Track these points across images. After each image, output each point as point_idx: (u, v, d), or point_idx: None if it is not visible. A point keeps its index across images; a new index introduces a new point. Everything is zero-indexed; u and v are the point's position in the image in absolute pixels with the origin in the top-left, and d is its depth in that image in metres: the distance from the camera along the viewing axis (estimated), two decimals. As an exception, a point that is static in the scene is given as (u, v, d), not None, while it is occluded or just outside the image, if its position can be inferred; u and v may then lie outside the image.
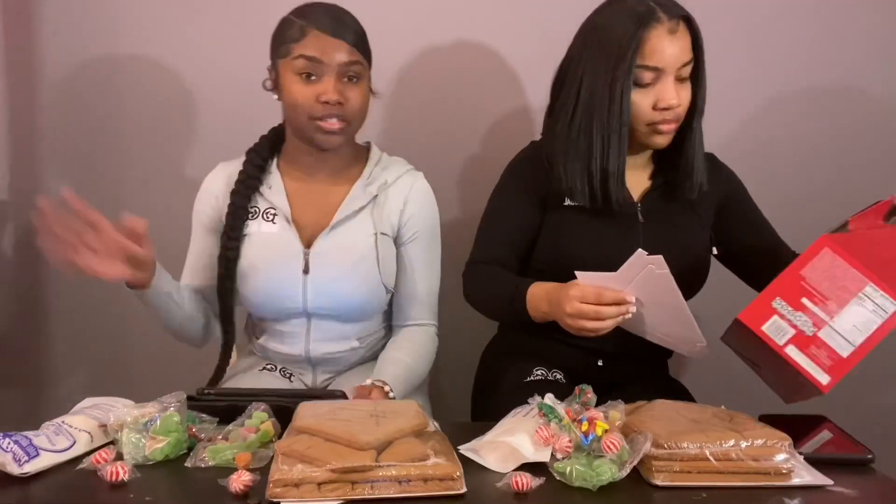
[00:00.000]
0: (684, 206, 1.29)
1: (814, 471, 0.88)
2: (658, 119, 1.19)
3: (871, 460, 0.90)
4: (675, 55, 1.16)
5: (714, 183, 1.31)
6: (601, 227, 1.26)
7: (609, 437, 0.86)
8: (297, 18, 1.22)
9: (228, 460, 0.88)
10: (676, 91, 1.18)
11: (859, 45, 1.69)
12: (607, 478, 0.83)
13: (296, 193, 1.31)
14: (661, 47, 1.16)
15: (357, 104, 1.23)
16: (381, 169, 1.33)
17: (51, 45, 1.77)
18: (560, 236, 1.28)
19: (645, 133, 1.22)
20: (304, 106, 1.21)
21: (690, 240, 1.29)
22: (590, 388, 1.01)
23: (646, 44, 1.16)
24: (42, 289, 1.86)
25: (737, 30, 1.68)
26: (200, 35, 1.74)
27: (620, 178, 1.22)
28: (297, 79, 1.21)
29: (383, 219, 1.30)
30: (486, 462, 0.89)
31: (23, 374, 1.89)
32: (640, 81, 1.18)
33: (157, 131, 1.79)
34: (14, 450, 0.85)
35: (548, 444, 0.89)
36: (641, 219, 1.28)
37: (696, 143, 1.25)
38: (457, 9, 1.69)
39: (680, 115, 1.21)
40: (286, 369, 1.39)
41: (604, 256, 1.16)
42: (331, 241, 1.27)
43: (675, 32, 1.16)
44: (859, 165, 1.73)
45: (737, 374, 1.79)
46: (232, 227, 1.28)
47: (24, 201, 1.83)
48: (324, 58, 1.19)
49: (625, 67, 1.16)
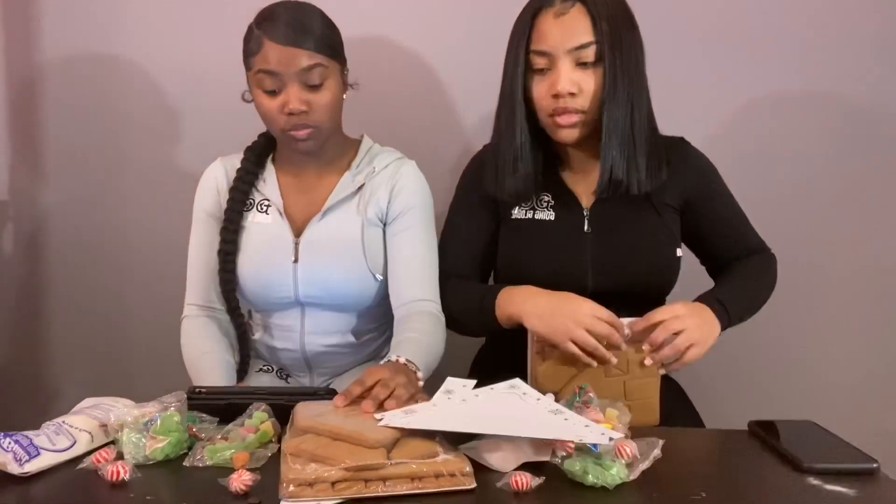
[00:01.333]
0: (640, 205, 1.23)
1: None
2: (554, 107, 1.15)
3: (877, 469, 0.90)
4: (561, 37, 1.13)
5: (679, 172, 1.25)
6: (548, 239, 1.25)
7: (621, 442, 0.87)
8: (256, 28, 1.21)
9: (226, 460, 0.88)
10: (575, 78, 1.14)
11: (847, 49, 1.69)
12: (620, 478, 0.83)
13: (287, 186, 1.33)
14: (547, 30, 1.14)
15: (323, 107, 1.21)
16: (369, 159, 1.34)
17: (50, 44, 1.77)
18: (511, 250, 1.29)
19: (549, 126, 1.19)
20: (272, 118, 1.22)
21: (646, 243, 1.24)
22: (589, 386, 1.01)
23: (535, 29, 1.15)
24: (42, 289, 1.87)
25: (720, 31, 1.68)
26: (200, 34, 1.74)
27: (514, 169, 1.21)
28: (260, 92, 1.21)
29: (370, 207, 1.30)
30: (488, 462, 0.89)
31: (23, 374, 1.89)
32: (534, 66, 1.16)
33: (156, 130, 1.79)
34: (15, 449, 0.85)
35: (549, 444, 0.89)
36: (588, 228, 1.25)
37: (605, 137, 1.16)
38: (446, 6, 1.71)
39: (582, 106, 1.15)
40: (283, 370, 1.39)
41: (551, 271, 1.17)
42: (320, 231, 1.28)
43: (563, 14, 1.13)
44: (841, 168, 1.73)
45: (731, 377, 1.81)
46: (230, 220, 1.29)
47: (24, 201, 1.84)
48: (280, 69, 1.17)
49: (516, 54, 1.17)
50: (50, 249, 1.85)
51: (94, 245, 1.84)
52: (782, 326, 1.79)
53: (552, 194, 1.27)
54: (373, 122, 1.44)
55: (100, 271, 1.85)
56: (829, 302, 1.79)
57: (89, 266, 1.85)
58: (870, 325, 1.79)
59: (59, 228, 1.84)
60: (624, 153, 1.17)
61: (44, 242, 1.85)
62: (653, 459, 0.87)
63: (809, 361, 1.80)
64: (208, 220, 1.34)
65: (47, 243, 1.85)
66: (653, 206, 1.24)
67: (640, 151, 1.18)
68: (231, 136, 1.40)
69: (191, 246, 1.35)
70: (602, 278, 1.23)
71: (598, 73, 1.15)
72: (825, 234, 1.77)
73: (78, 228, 1.84)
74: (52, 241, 1.85)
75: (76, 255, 1.85)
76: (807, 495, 0.85)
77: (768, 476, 0.89)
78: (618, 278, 1.23)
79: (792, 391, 1.80)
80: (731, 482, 0.89)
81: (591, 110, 1.17)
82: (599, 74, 1.15)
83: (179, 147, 1.80)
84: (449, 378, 1.03)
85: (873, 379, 1.79)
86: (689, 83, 1.65)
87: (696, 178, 1.28)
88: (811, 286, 1.78)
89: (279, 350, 1.37)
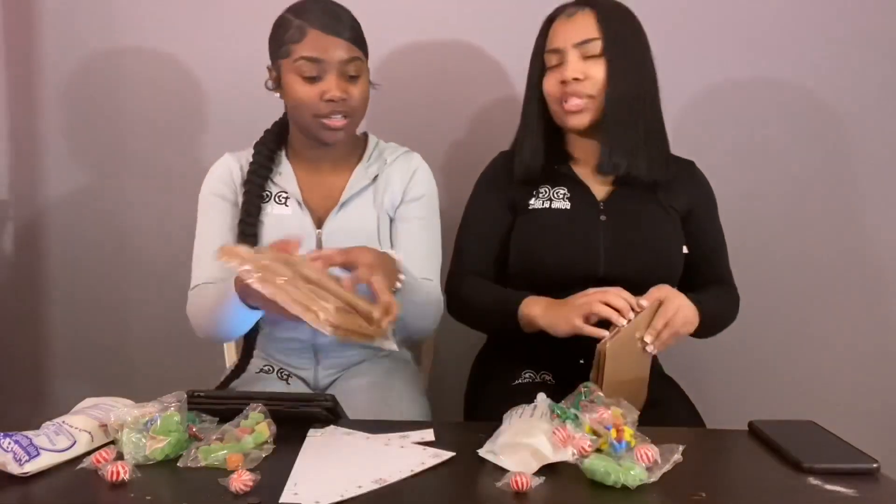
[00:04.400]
0: (652, 203, 1.33)
1: None
2: (562, 93, 1.28)
3: (877, 469, 0.90)
4: (569, 33, 1.27)
5: (683, 187, 1.36)
6: (564, 226, 1.31)
7: (642, 447, 0.88)
8: (295, 17, 1.24)
9: (220, 461, 0.88)
10: (582, 67, 1.26)
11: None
12: (641, 479, 0.83)
13: (304, 179, 1.36)
14: (558, 30, 1.29)
15: (358, 99, 1.26)
16: (378, 152, 1.39)
17: (51, 42, 1.77)
18: (527, 240, 1.33)
19: (560, 115, 1.31)
20: (309, 105, 1.24)
21: (657, 234, 1.32)
22: (593, 385, 1.02)
23: (550, 31, 1.31)
24: (42, 289, 1.87)
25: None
26: (201, 31, 1.75)
27: (534, 153, 1.34)
28: (299, 79, 1.24)
29: (386, 197, 1.34)
30: (507, 465, 0.88)
31: (23, 374, 1.89)
32: (548, 64, 1.31)
33: (157, 130, 1.80)
34: (15, 449, 0.85)
35: (566, 445, 0.89)
36: (603, 217, 1.32)
37: (608, 120, 1.27)
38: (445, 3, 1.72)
39: (589, 92, 1.26)
40: (284, 370, 1.39)
41: (565, 258, 1.23)
42: (339, 222, 1.32)
43: (573, 15, 1.28)
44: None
45: (731, 377, 1.82)
46: (248, 213, 1.30)
47: (24, 201, 1.84)
48: (324, 57, 1.22)
49: (536, 58, 1.33)
50: (50, 249, 1.85)
51: (94, 245, 1.84)
52: (782, 326, 1.79)
53: (568, 188, 1.35)
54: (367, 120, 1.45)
55: (100, 271, 1.85)
56: (829, 302, 1.79)
57: (89, 265, 1.85)
58: (870, 326, 1.79)
59: (59, 228, 1.84)
60: (629, 138, 1.28)
61: (44, 242, 1.85)
62: (673, 463, 0.87)
63: (809, 361, 1.81)
64: (221, 204, 1.33)
65: (47, 243, 1.85)
66: (661, 205, 1.33)
67: (641, 138, 1.29)
68: (231, 136, 1.41)
69: (201, 230, 1.34)
70: (614, 266, 1.28)
71: (603, 65, 1.26)
72: (825, 235, 1.77)
73: (78, 228, 1.84)
74: (52, 241, 1.85)
75: (76, 254, 1.85)
76: (807, 495, 0.84)
77: (768, 476, 0.89)
78: (629, 267, 1.28)
79: (792, 391, 1.81)
80: (731, 482, 0.89)
81: (597, 97, 1.27)
82: (604, 66, 1.26)
83: (180, 147, 1.80)
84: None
85: (873, 379, 1.80)
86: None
87: (699, 194, 1.39)
88: (811, 286, 1.78)
89: (287, 341, 1.36)
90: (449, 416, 1.59)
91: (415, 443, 0.95)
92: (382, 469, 0.86)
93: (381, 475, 0.85)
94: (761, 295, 1.71)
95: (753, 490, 0.86)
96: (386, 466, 0.87)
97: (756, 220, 1.72)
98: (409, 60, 1.74)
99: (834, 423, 1.06)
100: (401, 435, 0.97)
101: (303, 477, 0.85)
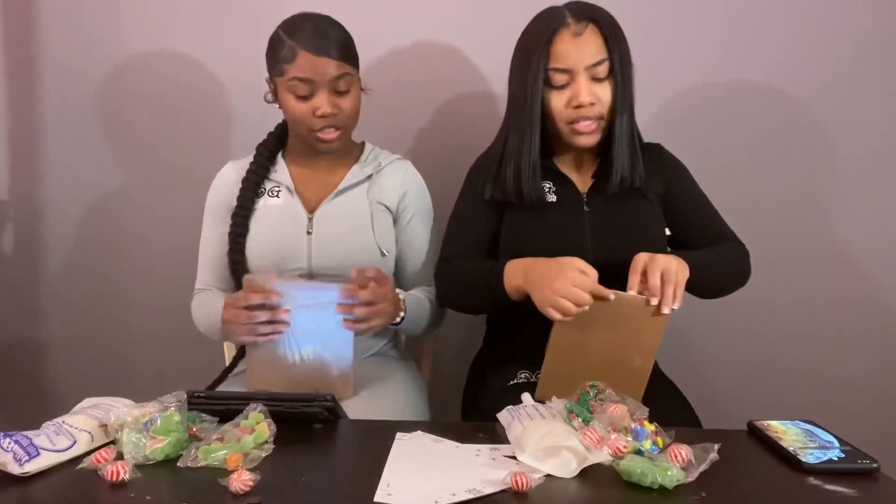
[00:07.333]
0: (632, 193, 1.35)
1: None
2: (574, 117, 1.27)
3: (877, 469, 0.90)
4: (580, 55, 1.25)
5: (654, 172, 1.38)
6: (551, 221, 1.34)
7: (675, 447, 0.89)
8: (288, 38, 1.30)
9: (220, 461, 0.88)
10: (593, 90, 1.26)
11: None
12: (678, 479, 0.83)
13: (299, 175, 1.42)
14: (566, 50, 1.25)
15: (350, 111, 1.34)
16: (374, 156, 1.46)
17: (51, 44, 1.77)
18: (516, 234, 1.36)
19: (567, 133, 1.30)
20: (303, 121, 1.32)
21: (640, 222, 1.35)
22: (600, 383, 1.01)
23: (553, 47, 1.26)
24: (42, 289, 1.87)
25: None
26: (201, 32, 1.75)
27: (533, 174, 1.31)
28: (292, 97, 1.31)
29: (381, 193, 1.41)
30: (546, 468, 0.87)
31: (23, 374, 1.89)
32: (555, 83, 1.27)
33: (157, 131, 1.80)
34: (15, 449, 0.85)
35: (600, 446, 0.89)
36: (587, 208, 1.35)
37: (618, 141, 1.30)
38: (429, 8, 1.73)
39: (600, 114, 1.28)
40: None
41: (557, 250, 1.23)
42: (333, 208, 1.38)
43: (580, 35, 1.25)
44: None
45: (731, 377, 1.82)
46: (241, 206, 1.37)
47: (24, 201, 1.84)
48: (314, 76, 1.29)
49: (535, 70, 1.26)
50: (50, 249, 1.85)
51: (94, 245, 1.84)
52: (782, 327, 1.80)
53: (552, 182, 1.37)
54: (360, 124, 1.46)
55: (99, 271, 1.85)
56: (829, 302, 1.79)
57: (89, 266, 1.85)
58: (869, 326, 1.79)
59: (59, 228, 1.85)
60: (630, 154, 1.32)
61: (44, 242, 1.85)
62: (710, 462, 0.87)
63: (809, 361, 1.81)
64: (215, 217, 1.41)
65: (47, 243, 1.85)
66: (641, 193, 1.36)
67: (639, 151, 1.34)
68: (232, 137, 1.41)
69: (203, 238, 1.44)
70: (601, 252, 1.31)
71: (609, 86, 1.28)
72: (825, 235, 1.77)
73: (78, 229, 1.84)
74: (52, 241, 1.85)
75: (76, 255, 1.85)
76: (807, 495, 0.84)
77: (768, 476, 0.89)
78: (615, 252, 1.29)
79: (792, 391, 1.81)
80: (731, 482, 0.89)
81: (605, 117, 1.30)
82: (611, 86, 1.28)
83: (180, 148, 1.80)
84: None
85: (873, 379, 1.80)
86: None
87: (672, 173, 1.42)
88: (811, 287, 1.78)
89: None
90: (449, 415, 1.59)
91: (506, 456, 0.93)
92: (473, 479, 0.86)
93: (473, 485, 0.84)
94: (761, 295, 1.71)
95: (753, 490, 0.86)
96: (477, 477, 0.86)
97: (756, 220, 1.72)
98: (396, 62, 1.74)
99: (834, 423, 1.07)
100: (491, 447, 0.96)
101: (394, 478, 0.86)
